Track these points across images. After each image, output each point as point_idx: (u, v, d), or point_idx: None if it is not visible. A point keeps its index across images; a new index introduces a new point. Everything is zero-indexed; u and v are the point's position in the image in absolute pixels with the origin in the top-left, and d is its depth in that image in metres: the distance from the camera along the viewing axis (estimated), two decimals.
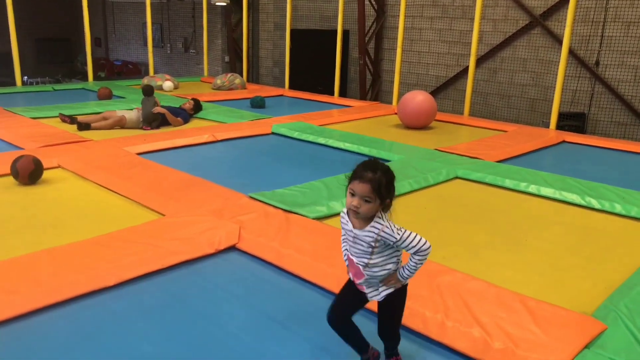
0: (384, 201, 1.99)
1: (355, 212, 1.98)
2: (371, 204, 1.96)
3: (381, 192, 1.95)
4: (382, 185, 1.95)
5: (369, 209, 1.97)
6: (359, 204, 1.96)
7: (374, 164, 1.99)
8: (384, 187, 1.96)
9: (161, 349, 2.37)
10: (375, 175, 1.94)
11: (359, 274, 2.10)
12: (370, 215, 2.00)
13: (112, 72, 16.52)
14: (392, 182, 2.01)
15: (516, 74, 9.39)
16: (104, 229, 3.53)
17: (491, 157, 5.68)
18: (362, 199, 1.95)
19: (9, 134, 6.03)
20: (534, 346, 2.31)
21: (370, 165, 1.98)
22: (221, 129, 6.75)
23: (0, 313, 2.52)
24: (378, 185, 1.94)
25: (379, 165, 1.99)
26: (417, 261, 2.04)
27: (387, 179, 1.98)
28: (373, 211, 1.99)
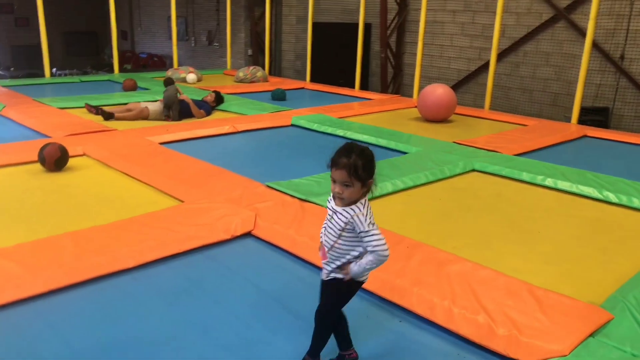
0: (364, 182, 1.98)
1: (339, 197, 2.01)
2: (351, 188, 1.97)
3: (359, 175, 1.95)
4: (359, 168, 1.94)
5: (350, 193, 1.98)
6: (341, 190, 1.98)
7: (348, 149, 1.99)
8: (360, 170, 1.95)
9: (176, 331, 2.46)
10: (349, 160, 1.94)
11: (324, 254, 2.12)
12: (354, 199, 2.01)
13: (137, 65, 16.79)
14: (369, 163, 1.99)
15: (539, 68, 9.29)
16: (125, 214, 3.65)
17: (509, 151, 5.67)
18: (342, 184, 1.97)
19: (38, 123, 6.22)
20: (538, 333, 2.34)
21: (344, 151, 1.98)
22: (242, 120, 6.85)
23: (25, 291, 2.65)
24: (354, 169, 1.94)
25: (354, 149, 1.98)
26: (369, 261, 2.01)
27: (363, 161, 1.96)
28: (356, 194, 1.99)
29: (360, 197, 2.02)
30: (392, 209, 4.03)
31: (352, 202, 2.01)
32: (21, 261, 2.85)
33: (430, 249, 3.17)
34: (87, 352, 2.28)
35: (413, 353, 2.35)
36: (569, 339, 2.30)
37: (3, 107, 7.09)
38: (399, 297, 2.70)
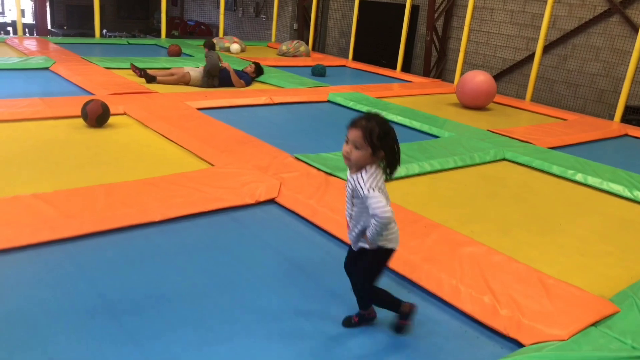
0: (375, 151, 1.96)
1: (347, 158, 2.00)
2: (361, 151, 1.96)
3: (372, 141, 1.94)
4: (374, 134, 1.93)
5: (358, 156, 1.97)
6: (350, 150, 1.97)
7: (372, 115, 2.00)
8: (375, 136, 1.94)
9: (194, 283, 2.60)
10: (368, 123, 1.95)
11: (348, 225, 2.17)
12: (360, 164, 1.99)
13: (185, 32, 17.03)
14: (388, 134, 1.97)
15: (587, 62, 9.04)
16: (157, 173, 3.82)
17: (544, 143, 5.61)
18: (353, 145, 1.97)
19: (84, 80, 6.47)
20: (540, 317, 2.39)
21: (367, 115, 2.00)
22: (279, 93, 6.95)
23: (58, 232, 2.83)
24: (370, 133, 1.93)
25: (377, 117, 1.99)
26: (373, 225, 2.00)
27: (382, 129, 1.96)
28: (362, 160, 1.98)
29: (365, 166, 2.00)
30: (416, 190, 4.08)
31: (358, 167, 2.01)
32: (57, 206, 3.03)
33: (447, 230, 3.22)
34: (111, 294, 2.44)
35: (419, 324, 2.42)
36: (570, 325, 2.34)
37: (53, 63, 7.37)
38: (410, 272, 2.78)
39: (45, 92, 5.96)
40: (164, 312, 2.34)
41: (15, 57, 7.73)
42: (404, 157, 4.50)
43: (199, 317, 2.33)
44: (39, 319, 2.21)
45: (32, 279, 2.49)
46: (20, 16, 9.64)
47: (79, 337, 2.13)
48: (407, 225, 3.25)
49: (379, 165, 2.05)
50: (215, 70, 7.11)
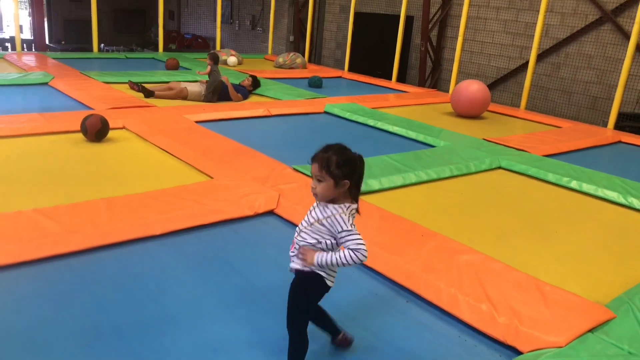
0: (338, 181, 1.91)
1: (314, 193, 1.97)
2: (323, 183, 1.92)
3: (331, 171, 1.90)
4: (332, 163, 1.90)
5: (322, 188, 1.93)
6: (314, 185, 1.95)
7: (330, 146, 1.96)
8: (333, 166, 1.90)
9: (196, 297, 2.63)
10: (325, 154, 1.92)
11: (294, 242, 2.06)
12: (327, 197, 1.94)
13: (182, 45, 17.15)
14: (347, 163, 1.92)
15: (580, 70, 9.14)
16: (157, 186, 3.86)
17: (539, 151, 5.67)
18: (315, 178, 1.95)
19: (83, 95, 6.52)
20: (537, 324, 2.42)
21: (325, 147, 1.97)
22: (277, 105, 7.01)
23: (61, 247, 2.87)
24: (327, 163, 1.90)
25: (335, 147, 1.96)
26: (346, 256, 1.89)
27: (340, 158, 1.91)
28: (328, 192, 1.93)
29: (337, 198, 1.96)
30: (413, 199, 4.13)
31: (326, 200, 1.96)
32: (59, 221, 3.07)
33: (444, 239, 3.26)
34: (114, 307, 2.47)
35: (417, 332, 2.47)
36: (567, 332, 2.37)
37: (52, 78, 7.43)
38: (407, 281, 2.81)
39: (44, 107, 6.01)
40: (168, 329, 2.35)
41: (14, 72, 7.79)
42: (400, 167, 4.61)
43: (203, 333, 2.35)
44: (43, 337, 2.22)
45: (36, 295, 2.52)
46: (18, 32, 9.71)
47: (84, 355, 2.15)
48: (404, 234, 3.30)
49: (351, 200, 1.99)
50: (219, 86, 7.16)
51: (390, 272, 2.89)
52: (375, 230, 3.30)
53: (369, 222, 3.42)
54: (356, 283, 2.86)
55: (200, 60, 10.57)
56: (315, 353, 2.25)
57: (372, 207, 3.68)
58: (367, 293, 2.78)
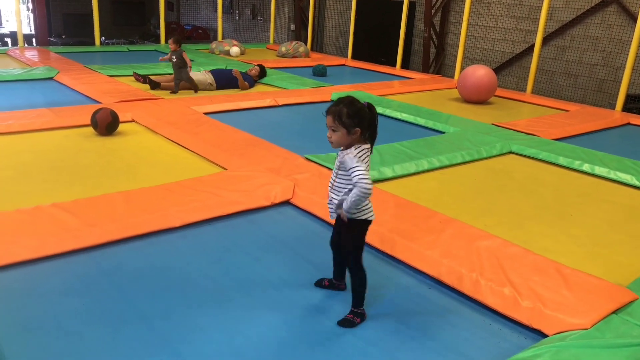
0: (350, 130, 2.18)
1: (330, 142, 2.25)
2: (337, 132, 2.20)
3: (342, 121, 2.17)
4: (343, 115, 2.17)
5: (337, 137, 2.21)
6: (330, 134, 2.23)
7: (340, 100, 2.23)
8: (345, 116, 2.17)
9: (218, 284, 2.66)
10: (337, 107, 2.20)
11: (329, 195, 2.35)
12: (341, 144, 2.23)
13: (182, 36, 17.05)
14: (357, 113, 2.19)
15: (586, 52, 9.09)
16: (171, 178, 3.87)
17: (549, 135, 5.66)
18: (330, 128, 2.22)
19: (89, 89, 6.51)
20: (561, 307, 2.44)
21: (336, 101, 2.24)
22: (283, 94, 6.99)
23: (83, 241, 2.88)
24: (339, 115, 2.17)
25: (345, 100, 2.22)
26: (353, 194, 2.17)
27: (350, 109, 2.18)
28: (342, 140, 2.22)
29: (352, 144, 2.22)
30: (426, 186, 4.13)
31: (342, 147, 2.24)
32: (79, 215, 3.08)
33: (462, 225, 3.27)
34: (137, 297, 2.49)
35: (441, 317, 2.49)
36: (592, 314, 2.39)
37: (57, 72, 7.41)
38: (429, 267, 2.83)
39: (52, 102, 6.00)
40: (193, 315, 2.39)
41: (18, 68, 7.77)
42: (412, 154, 4.61)
43: (226, 319, 2.38)
44: (73, 327, 2.25)
45: (62, 287, 2.54)
46: (20, 27, 9.67)
47: (114, 343, 2.18)
48: (421, 221, 3.31)
49: (366, 142, 2.26)
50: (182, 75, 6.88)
51: (411, 259, 2.91)
52: (393, 218, 3.31)
53: (385, 209, 3.43)
54: (376, 271, 2.87)
55: (203, 52, 10.55)
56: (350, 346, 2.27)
57: (387, 195, 3.69)
58: (387, 280, 2.79)
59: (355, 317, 2.38)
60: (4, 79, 6.96)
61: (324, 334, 2.32)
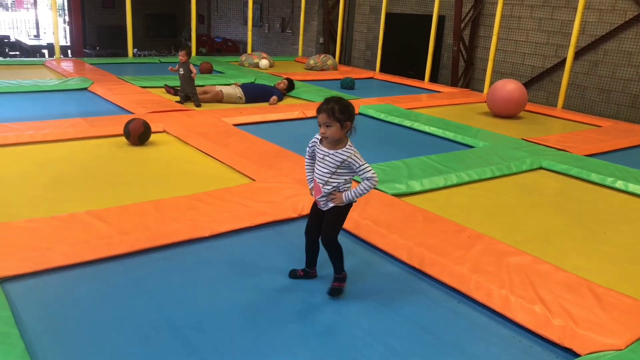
0: (343, 123, 2.44)
1: (324, 137, 2.48)
2: (332, 127, 2.44)
3: (335, 116, 2.41)
4: (336, 111, 2.42)
5: (332, 132, 2.45)
6: (325, 130, 2.46)
7: (329, 99, 2.48)
8: (337, 112, 2.42)
9: (247, 297, 2.67)
10: (328, 105, 2.44)
11: (319, 190, 2.58)
12: (336, 137, 2.47)
13: (212, 49, 17.34)
14: (346, 108, 2.45)
15: (619, 67, 8.94)
16: (201, 188, 3.92)
17: (580, 151, 5.57)
18: (324, 125, 2.44)
19: (122, 100, 6.66)
20: (594, 326, 2.39)
21: (326, 100, 2.48)
22: (311, 107, 7.02)
23: (115, 249, 2.94)
24: (332, 111, 2.41)
25: (333, 98, 2.47)
26: (365, 187, 2.49)
27: (340, 105, 2.43)
28: (337, 133, 2.46)
29: (343, 137, 2.49)
30: (455, 200, 4.10)
31: (335, 141, 2.48)
32: (111, 223, 3.14)
33: (491, 240, 3.24)
34: (168, 307, 2.52)
35: (471, 332, 2.46)
36: (626, 334, 2.33)
37: (91, 83, 7.60)
38: (458, 282, 2.80)
39: (86, 112, 6.15)
40: (223, 325, 2.41)
41: (54, 78, 8.00)
42: (441, 168, 4.60)
43: (256, 330, 2.39)
44: (104, 334, 2.29)
45: (94, 294, 2.59)
46: (57, 39, 9.96)
47: (145, 351, 2.21)
48: (450, 235, 3.28)
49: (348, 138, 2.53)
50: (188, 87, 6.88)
51: (439, 274, 2.89)
52: (421, 232, 3.29)
53: (414, 224, 3.41)
54: (405, 284, 2.87)
55: (233, 64, 10.70)
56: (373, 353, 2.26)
57: (416, 209, 3.67)
58: (417, 294, 2.78)
59: (341, 282, 2.68)
60: (41, 89, 7.18)
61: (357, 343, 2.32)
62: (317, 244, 2.77)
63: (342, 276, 2.70)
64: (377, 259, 3.16)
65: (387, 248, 3.20)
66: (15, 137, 4.83)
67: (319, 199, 2.62)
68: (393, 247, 3.17)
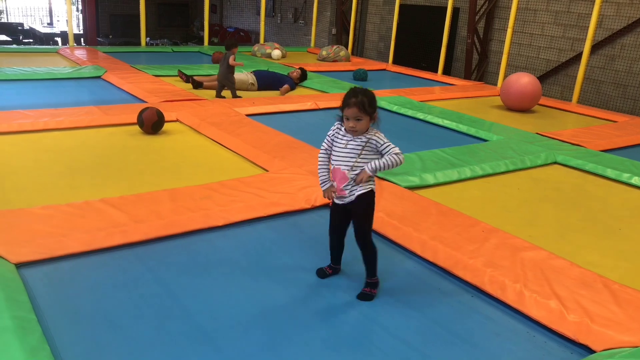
0: (371, 115, 2.45)
1: (354, 130, 2.45)
2: (362, 121, 2.43)
3: (366, 110, 2.41)
4: (366, 104, 2.41)
5: (362, 125, 2.44)
6: (354, 124, 2.44)
7: (355, 91, 2.45)
8: (367, 105, 2.41)
9: (260, 286, 2.68)
10: (357, 99, 2.41)
11: (343, 178, 2.52)
12: (365, 129, 2.47)
13: (224, 38, 17.27)
14: (373, 99, 2.45)
15: (637, 62, 8.82)
16: (214, 178, 3.93)
17: (595, 146, 5.52)
18: (355, 119, 2.42)
19: (135, 88, 6.67)
20: (610, 323, 2.37)
21: (352, 93, 2.44)
22: (324, 98, 7.01)
23: (130, 237, 2.95)
24: (362, 105, 2.40)
25: (359, 90, 2.45)
26: (391, 159, 2.45)
27: (368, 98, 2.43)
28: (367, 125, 2.46)
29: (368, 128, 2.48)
30: (470, 194, 4.08)
31: (363, 132, 2.47)
32: (126, 211, 3.16)
33: (506, 235, 3.22)
34: (181, 294, 2.54)
35: (484, 326, 2.46)
36: None
37: (105, 71, 7.63)
38: (472, 276, 2.79)
39: (100, 100, 6.18)
40: (235, 313, 2.42)
41: (68, 67, 8.02)
42: (455, 161, 4.57)
43: (269, 318, 2.40)
44: (120, 320, 2.31)
45: (110, 281, 2.61)
46: (71, 27, 9.99)
47: (159, 337, 2.22)
48: (464, 229, 3.27)
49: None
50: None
51: (453, 268, 2.88)
52: (436, 226, 3.27)
53: (427, 217, 3.40)
54: (419, 278, 2.86)
55: (245, 54, 10.68)
56: (392, 346, 2.26)
57: (430, 202, 3.66)
58: (430, 288, 2.77)
59: (372, 288, 2.62)
60: (55, 77, 7.21)
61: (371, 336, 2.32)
62: (342, 242, 2.73)
63: (375, 281, 2.64)
64: (390, 252, 3.15)
65: (400, 241, 3.19)
66: (30, 124, 4.86)
67: (344, 187, 2.53)
68: (406, 240, 3.16)
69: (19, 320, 2.09)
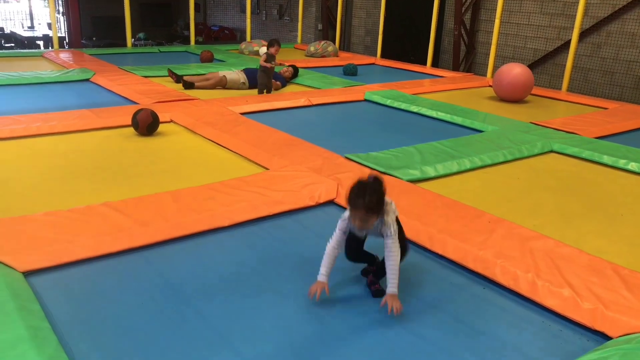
0: (379, 212, 2.32)
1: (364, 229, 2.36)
2: (371, 220, 2.31)
3: (374, 210, 2.28)
4: (373, 205, 2.27)
5: (370, 223, 2.33)
6: (362, 225, 2.32)
7: (362, 189, 2.27)
8: (375, 206, 2.27)
9: (266, 282, 2.68)
10: (364, 201, 2.25)
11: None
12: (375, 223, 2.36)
13: (209, 37, 17.18)
14: (382, 197, 2.30)
15: (623, 49, 8.90)
16: (215, 178, 3.89)
17: (589, 133, 5.56)
18: (362, 220, 2.29)
19: (126, 90, 6.59)
20: (624, 309, 2.39)
21: (359, 193, 2.27)
22: (316, 94, 6.99)
23: (136, 240, 2.92)
24: (369, 208, 2.26)
25: (367, 189, 2.27)
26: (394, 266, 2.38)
27: (377, 198, 2.28)
28: (375, 221, 2.35)
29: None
30: (471, 185, 4.09)
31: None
32: (130, 214, 3.11)
33: (512, 225, 3.22)
34: (193, 296, 2.51)
35: (499, 317, 2.46)
36: None
37: (93, 74, 7.53)
38: (483, 268, 2.79)
39: (90, 103, 6.09)
40: (252, 315, 2.40)
41: (55, 70, 7.91)
42: (453, 153, 4.57)
43: (284, 314, 2.39)
44: (133, 325, 2.28)
45: (119, 286, 2.57)
46: (55, 29, 9.85)
47: (176, 341, 2.19)
48: (470, 221, 3.27)
49: None
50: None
51: (464, 260, 2.88)
52: (442, 218, 3.27)
53: (433, 209, 3.40)
54: (431, 273, 2.86)
55: (233, 52, 10.61)
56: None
57: (433, 195, 3.65)
58: (442, 282, 2.77)
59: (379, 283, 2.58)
60: (43, 81, 7.10)
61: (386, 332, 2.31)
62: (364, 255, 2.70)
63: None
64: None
65: (408, 235, 3.15)
66: (23, 129, 4.78)
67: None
68: (414, 234, 3.15)
69: (33, 329, 2.06)
